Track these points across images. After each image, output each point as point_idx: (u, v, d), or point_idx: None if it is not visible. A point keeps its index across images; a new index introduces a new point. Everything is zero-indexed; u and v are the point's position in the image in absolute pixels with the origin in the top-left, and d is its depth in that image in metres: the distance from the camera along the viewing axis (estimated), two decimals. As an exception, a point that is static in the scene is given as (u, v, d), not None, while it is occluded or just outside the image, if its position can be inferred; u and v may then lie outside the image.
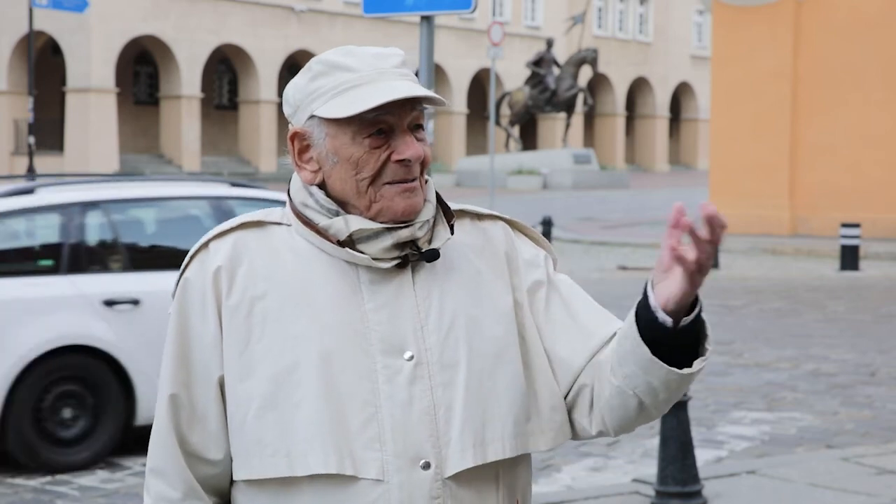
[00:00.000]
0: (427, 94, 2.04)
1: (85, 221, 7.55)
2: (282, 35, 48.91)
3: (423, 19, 7.45)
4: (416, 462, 2.01)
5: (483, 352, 2.07)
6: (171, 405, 2.11)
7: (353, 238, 2.04)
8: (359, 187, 2.04)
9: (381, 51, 2.09)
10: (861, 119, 22.99)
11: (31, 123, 20.28)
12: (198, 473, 2.12)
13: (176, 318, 2.11)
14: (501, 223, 2.21)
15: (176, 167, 45.92)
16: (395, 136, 2.04)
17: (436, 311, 2.07)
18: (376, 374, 2.02)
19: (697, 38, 70.04)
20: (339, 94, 2.03)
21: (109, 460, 7.36)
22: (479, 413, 2.05)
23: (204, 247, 2.12)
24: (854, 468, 6.96)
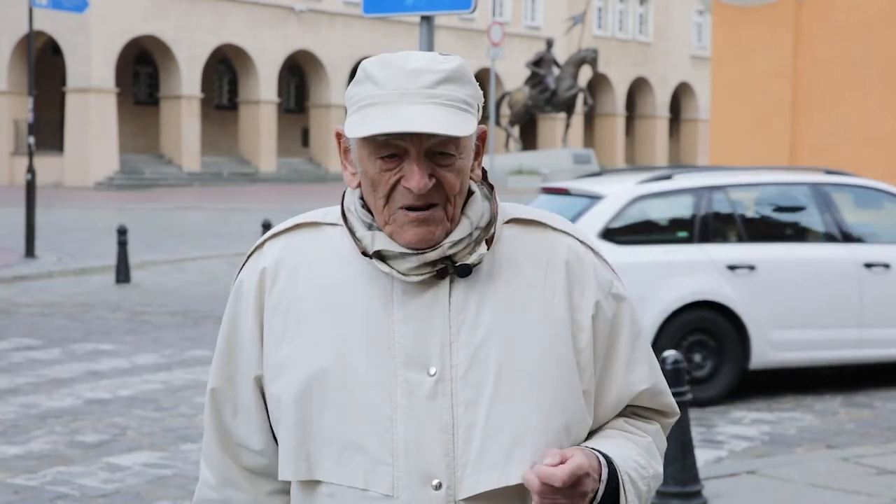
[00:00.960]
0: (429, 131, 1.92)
1: (711, 201, 9.25)
2: (282, 35, 48.89)
3: (422, 19, 7.45)
4: (428, 481, 1.98)
5: (517, 370, 2.00)
6: (212, 398, 2.18)
7: (381, 254, 2.01)
8: (376, 204, 2.01)
9: (420, 66, 1.97)
10: (861, 119, 22.99)
11: (31, 123, 20.25)
12: (249, 463, 2.17)
13: (227, 316, 2.16)
14: (572, 240, 2.12)
15: (176, 167, 45.92)
16: (408, 160, 1.96)
17: (469, 325, 2.01)
18: (395, 388, 1.99)
19: (697, 38, 70.03)
20: (361, 108, 1.97)
21: (109, 461, 7.37)
22: (505, 434, 1.98)
23: (259, 248, 2.15)
24: (854, 468, 6.95)
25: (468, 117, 1.97)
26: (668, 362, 6.03)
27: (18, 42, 43.41)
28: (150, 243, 21.34)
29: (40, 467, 7.25)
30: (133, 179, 43.94)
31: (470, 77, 2.01)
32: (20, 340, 11.78)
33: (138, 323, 12.95)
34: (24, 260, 18.67)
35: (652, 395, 2.16)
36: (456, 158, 1.98)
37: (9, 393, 9.35)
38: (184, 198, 36.78)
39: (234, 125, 50.20)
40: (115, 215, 28.36)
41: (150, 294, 15.45)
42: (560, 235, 2.11)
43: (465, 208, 2.03)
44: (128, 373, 10.13)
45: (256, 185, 46.17)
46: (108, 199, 36.71)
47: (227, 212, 30.80)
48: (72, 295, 15.36)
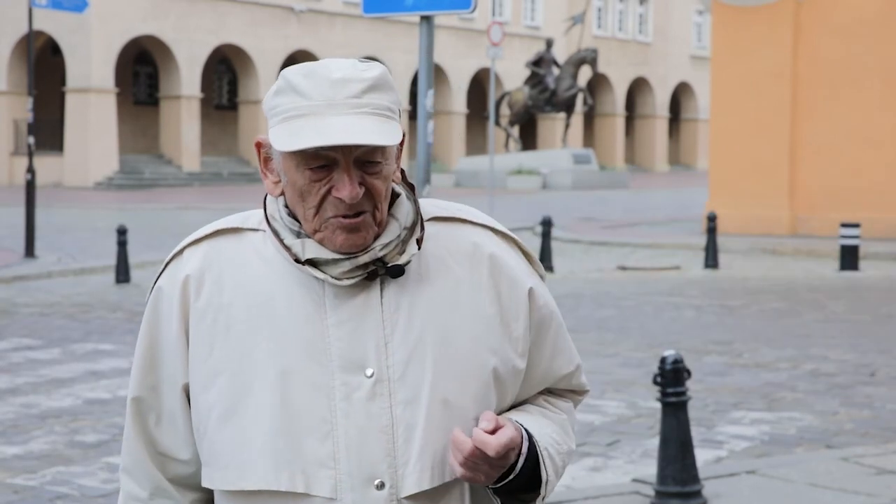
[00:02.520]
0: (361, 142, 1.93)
1: None
2: (281, 35, 48.90)
3: (422, 19, 7.45)
4: (371, 481, 1.99)
5: (452, 368, 2.03)
6: (135, 407, 2.15)
7: (312, 261, 2.02)
8: (305, 213, 2.02)
9: (345, 75, 1.98)
10: (861, 119, 22.98)
11: (31, 123, 20.24)
12: (173, 472, 2.15)
13: (147, 324, 2.14)
14: (490, 233, 2.15)
15: (176, 167, 45.93)
16: (338, 170, 1.97)
17: (403, 325, 2.03)
18: (334, 391, 2.00)
19: (697, 38, 70.03)
20: (286, 120, 1.97)
21: (109, 461, 7.37)
22: (442, 431, 2.01)
23: (178, 255, 2.14)
24: (854, 468, 6.95)
25: (394, 125, 1.99)
26: (668, 362, 6.03)
27: (18, 42, 43.42)
28: (150, 243, 21.33)
29: (40, 467, 7.24)
30: (133, 179, 43.95)
31: (392, 84, 2.03)
32: (20, 340, 11.78)
33: (138, 323, 12.90)
34: (23, 260, 18.66)
35: (570, 377, 2.23)
36: (383, 165, 2.00)
37: (8, 393, 9.35)
38: (183, 198, 36.78)
39: (233, 125, 50.21)
40: (114, 215, 28.36)
41: (149, 294, 15.43)
42: (481, 230, 2.14)
43: (392, 210, 2.06)
44: (128, 373, 10.07)
45: (256, 185, 46.15)
46: (108, 199, 36.71)
47: (227, 212, 30.48)
48: (71, 295, 15.36)
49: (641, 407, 8.78)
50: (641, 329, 12.41)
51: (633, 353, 11.03)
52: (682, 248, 21.79)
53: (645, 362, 10.45)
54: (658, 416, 6.88)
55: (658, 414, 6.92)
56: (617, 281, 16.92)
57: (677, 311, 13.75)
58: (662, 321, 13.00)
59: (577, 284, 16.40)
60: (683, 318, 13.23)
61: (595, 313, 13.64)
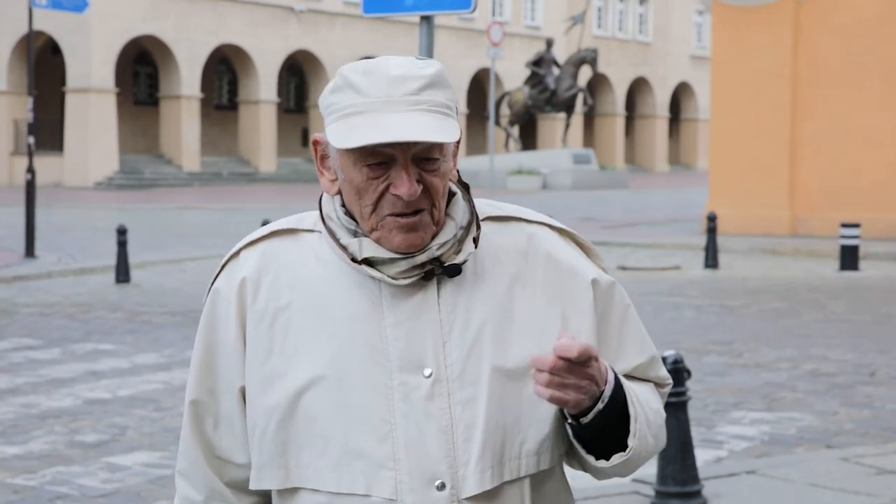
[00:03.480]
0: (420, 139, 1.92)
1: None
2: (281, 35, 48.90)
3: (422, 19, 7.45)
4: (431, 482, 1.97)
5: (510, 367, 2.01)
6: (193, 411, 2.15)
7: (369, 261, 2.01)
8: (362, 212, 2.00)
9: (403, 73, 1.97)
10: (861, 119, 22.98)
11: (31, 123, 20.25)
12: (231, 476, 2.14)
13: (204, 327, 2.14)
14: (546, 229, 2.15)
15: (176, 167, 45.93)
16: (395, 167, 1.96)
17: (460, 325, 2.01)
18: (393, 392, 1.99)
19: (697, 38, 70.03)
20: (344, 117, 1.96)
21: (109, 461, 7.37)
22: (500, 431, 2.00)
23: (234, 256, 2.12)
24: (854, 468, 6.95)
25: (452, 122, 1.97)
26: (668, 362, 6.03)
27: (18, 42, 43.43)
28: (150, 243, 21.33)
29: (40, 467, 7.24)
30: (133, 179, 43.95)
31: (449, 81, 2.02)
32: (20, 340, 11.78)
33: (138, 323, 12.95)
34: (23, 260, 18.66)
35: (644, 369, 2.20)
36: (440, 162, 1.99)
37: (8, 393, 9.35)
38: (183, 198, 36.78)
39: (233, 125, 50.21)
40: (114, 215, 28.35)
41: (149, 294, 15.45)
42: (536, 227, 2.14)
43: (448, 209, 2.05)
44: (128, 373, 10.12)
45: (256, 185, 46.17)
46: (108, 199, 36.71)
47: (227, 212, 30.80)
48: (71, 295, 15.36)
49: (641, 407, 8.77)
50: (641, 329, 12.39)
51: (633, 353, 11.02)
52: (682, 248, 21.79)
53: (645, 362, 10.43)
54: (658, 416, 6.87)
55: (658, 414, 6.92)
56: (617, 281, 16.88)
57: (677, 311, 13.75)
58: (662, 321, 12.99)
59: (577, 284, 16.37)
60: (683, 318, 13.23)
61: (595, 313, 13.62)
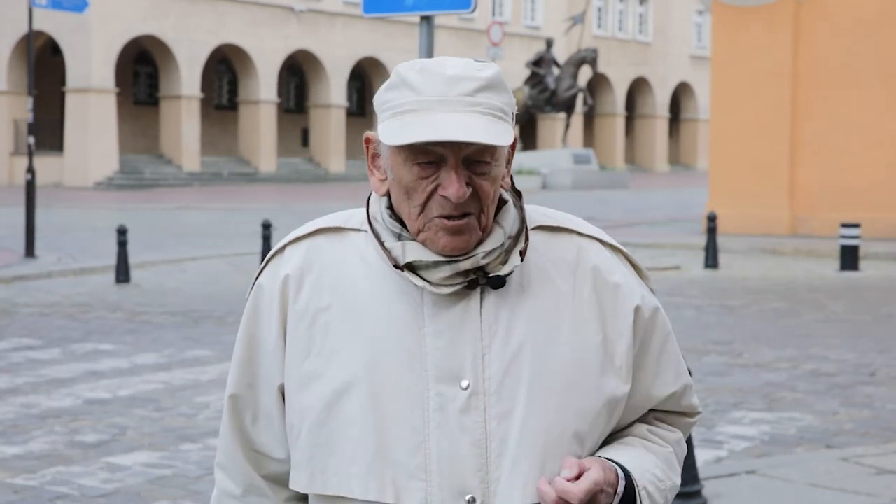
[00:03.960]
0: (472, 140, 1.89)
1: None
2: (281, 35, 48.90)
3: (422, 19, 7.44)
4: (462, 496, 1.95)
5: (550, 384, 1.98)
6: (231, 405, 2.14)
7: (412, 264, 1.98)
8: (410, 213, 1.97)
9: (459, 73, 1.94)
10: (861, 119, 22.98)
11: (31, 123, 20.25)
12: (269, 470, 2.14)
13: (246, 322, 2.12)
14: (597, 244, 2.10)
15: (176, 167, 45.93)
16: (445, 168, 1.93)
17: (501, 338, 1.98)
18: (428, 402, 1.96)
19: (697, 38, 70.03)
20: (397, 114, 1.94)
21: (109, 461, 7.37)
22: (538, 448, 1.96)
23: (279, 252, 2.10)
24: (854, 468, 6.95)
25: (506, 126, 1.94)
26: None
27: (18, 42, 43.42)
28: (150, 243, 21.33)
29: (40, 467, 7.24)
30: (133, 179, 43.95)
31: (506, 85, 1.99)
32: (20, 340, 11.78)
33: (138, 323, 12.95)
34: (23, 260, 18.66)
35: (677, 398, 2.16)
36: (492, 166, 1.95)
37: (8, 393, 9.35)
38: (184, 198, 36.77)
39: (233, 125, 50.21)
40: (114, 215, 28.35)
41: (150, 294, 15.45)
42: (587, 241, 2.09)
43: (498, 217, 2.01)
44: (128, 373, 10.13)
45: (256, 185, 46.17)
46: (108, 199, 36.71)
47: (227, 212, 30.80)
48: (71, 295, 15.36)
49: (641, 407, 8.77)
50: (641, 329, 12.39)
51: (633, 353, 11.02)
52: (682, 248, 21.79)
53: (645, 362, 10.44)
54: (658, 416, 6.87)
55: (658, 414, 6.92)
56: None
57: (677, 311, 13.75)
58: (662, 321, 12.98)
59: (577, 284, 16.37)
60: (683, 318, 13.23)
61: (595, 313, 13.62)
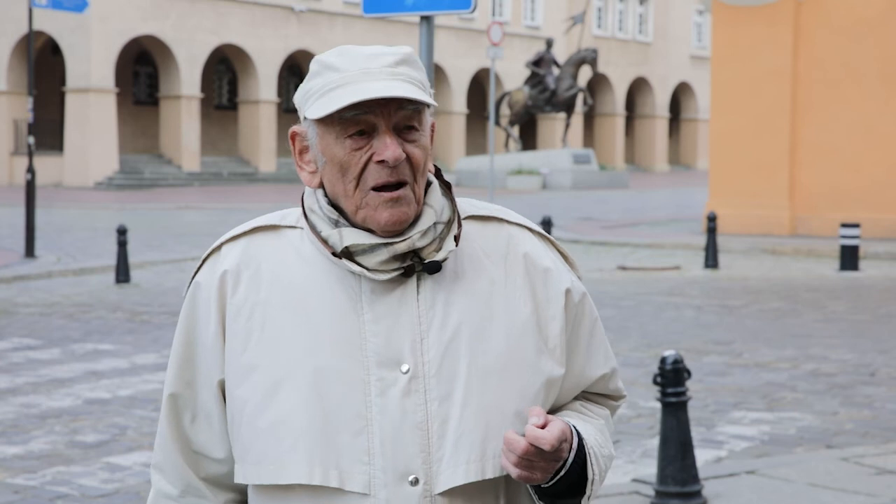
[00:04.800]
0: (397, 95, 1.95)
1: None
2: (281, 35, 48.89)
3: (422, 19, 7.45)
4: (405, 477, 1.99)
5: (487, 365, 2.03)
6: (171, 404, 2.15)
7: (350, 249, 2.02)
8: (346, 190, 2.02)
9: (376, 50, 2.02)
10: (861, 119, 22.98)
11: (31, 123, 20.25)
12: (207, 471, 2.14)
13: (184, 320, 2.14)
14: (527, 232, 2.15)
15: (175, 167, 45.92)
16: (378, 136, 1.99)
17: (438, 322, 2.02)
18: (369, 387, 2.00)
19: (697, 38, 70.01)
20: (324, 94, 2.00)
21: (109, 461, 7.37)
22: (478, 428, 2.01)
23: (216, 250, 2.13)
24: (854, 468, 6.95)
25: (427, 95, 2.01)
26: (668, 362, 6.03)
27: (18, 42, 43.41)
28: (150, 243, 21.33)
29: (40, 467, 7.25)
30: (133, 179, 43.95)
31: (421, 65, 2.06)
32: (20, 340, 11.78)
33: (138, 323, 12.95)
34: (23, 260, 18.66)
35: (607, 381, 2.22)
36: (420, 134, 2.02)
37: (9, 393, 9.35)
38: (184, 198, 36.77)
39: (233, 125, 50.21)
40: (114, 215, 28.36)
41: (150, 294, 15.45)
42: (517, 229, 2.14)
43: (426, 198, 2.06)
44: (128, 373, 10.13)
45: (256, 185, 46.17)
46: (108, 198, 36.71)
47: (227, 212, 30.80)
48: (71, 295, 15.36)
49: (641, 407, 8.78)
50: (641, 329, 12.41)
51: (633, 353, 11.03)
52: (682, 248, 21.79)
53: (645, 362, 10.45)
54: (658, 416, 6.88)
55: (658, 414, 6.93)
56: (617, 281, 16.90)
57: (677, 311, 13.75)
58: (662, 321, 13.00)
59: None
60: (683, 318, 13.23)
61: (595, 313, 13.62)
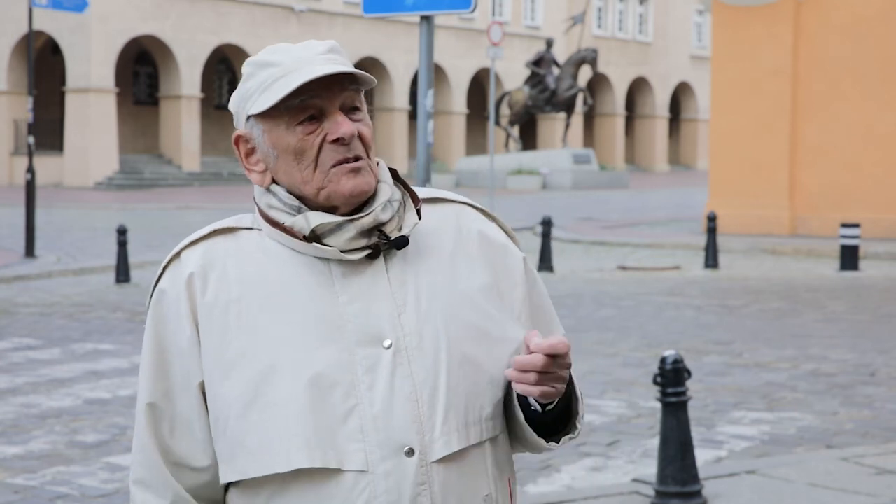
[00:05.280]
0: (343, 70, 2.03)
1: None
2: (282, 35, 48.86)
3: (422, 19, 7.45)
4: (400, 450, 2.02)
5: (462, 334, 2.08)
6: (149, 415, 2.12)
7: (317, 233, 2.05)
8: (304, 176, 2.06)
9: (308, 43, 2.10)
10: (861, 118, 22.98)
11: (31, 123, 20.25)
12: (186, 483, 2.12)
13: (152, 329, 2.13)
14: (471, 209, 2.23)
15: (175, 167, 45.92)
16: (327, 118, 2.05)
17: (412, 297, 2.08)
18: (356, 366, 2.03)
19: (697, 38, 70.01)
20: (265, 89, 2.05)
21: (109, 461, 7.37)
22: (462, 395, 2.06)
23: (176, 257, 2.14)
24: (854, 468, 6.95)
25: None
26: (667, 362, 6.03)
27: (18, 42, 43.41)
28: (150, 243, 21.34)
29: (40, 467, 7.25)
30: (133, 179, 43.95)
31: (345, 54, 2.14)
32: (20, 340, 11.78)
33: (138, 323, 12.94)
34: (24, 260, 18.66)
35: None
36: (364, 113, 2.10)
37: (9, 393, 9.35)
38: (184, 198, 36.78)
39: (233, 125, 50.13)
40: (114, 215, 28.36)
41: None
42: (462, 207, 2.22)
43: (379, 174, 2.13)
44: (128, 373, 10.12)
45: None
46: (108, 198, 36.71)
47: (227, 212, 30.77)
48: (72, 295, 15.36)
49: (641, 407, 8.78)
50: (641, 329, 12.41)
51: (633, 353, 11.04)
52: (682, 248, 21.79)
53: (645, 362, 10.45)
54: (658, 416, 6.88)
55: (658, 414, 6.93)
56: (617, 281, 16.90)
57: (677, 311, 13.75)
58: (662, 321, 13.00)
59: (577, 284, 16.40)
60: (683, 318, 13.23)
61: (595, 313, 13.64)
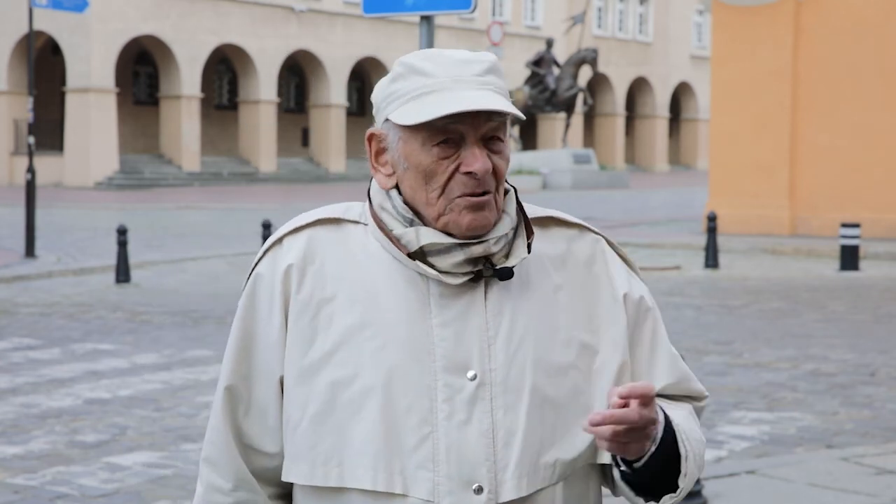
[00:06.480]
0: (498, 108, 1.94)
1: None
2: (282, 35, 48.89)
3: (422, 19, 7.44)
4: (469, 486, 1.95)
5: (551, 375, 2.00)
6: (227, 396, 2.10)
7: (423, 250, 1.98)
8: (428, 198, 1.98)
9: (466, 56, 2.00)
10: (861, 119, 22.98)
11: (31, 123, 20.26)
12: (255, 465, 2.10)
13: (243, 312, 2.08)
14: (592, 235, 2.14)
15: (176, 167, 45.93)
16: (465, 146, 1.96)
17: (505, 329, 1.99)
18: (436, 392, 1.96)
19: (697, 38, 70.02)
20: (413, 99, 1.96)
21: (109, 461, 7.37)
22: (537, 439, 1.98)
23: (278, 242, 2.08)
24: (854, 468, 6.95)
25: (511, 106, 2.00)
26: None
27: (18, 42, 43.41)
28: (150, 243, 21.33)
29: (40, 467, 7.24)
30: (133, 179, 43.95)
31: (503, 72, 2.06)
32: (20, 340, 11.78)
33: (138, 323, 12.95)
34: (24, 260, 18.66)
35: (676, 385, 2.17)
36: (504, 145, 2.00)
37: (9, 393, 9.35)
38: (184, 198, 36.78)
39: (234, 125, 50.20)
40: (115, 215, 28.36)
41: (150, 294, 15.45)
42: (574, 230, 2.13)
43: (504, 206, 2.03)
44: (128, 373, 10.12)
45: (256, 185, 46.16)
46: (108, 198, 36.71)
47: (227, 212, 30.80)
48: (72, 295, 15.36)
49: (641, 407, 8.77)
50: (641, 329, 12.39)
51: (633, 353, 11.02)
52: (682, 248, 21.79)
53: (645, 362, 10.44)
54: (658, 416, 6.87)
55: (658, 414, 6.91)
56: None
57: (677, 311, 13.75)
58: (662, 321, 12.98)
59: (577, 284, 16.38)
60: (683, 318, 13.23)
61: (595, 313, 13.63)
